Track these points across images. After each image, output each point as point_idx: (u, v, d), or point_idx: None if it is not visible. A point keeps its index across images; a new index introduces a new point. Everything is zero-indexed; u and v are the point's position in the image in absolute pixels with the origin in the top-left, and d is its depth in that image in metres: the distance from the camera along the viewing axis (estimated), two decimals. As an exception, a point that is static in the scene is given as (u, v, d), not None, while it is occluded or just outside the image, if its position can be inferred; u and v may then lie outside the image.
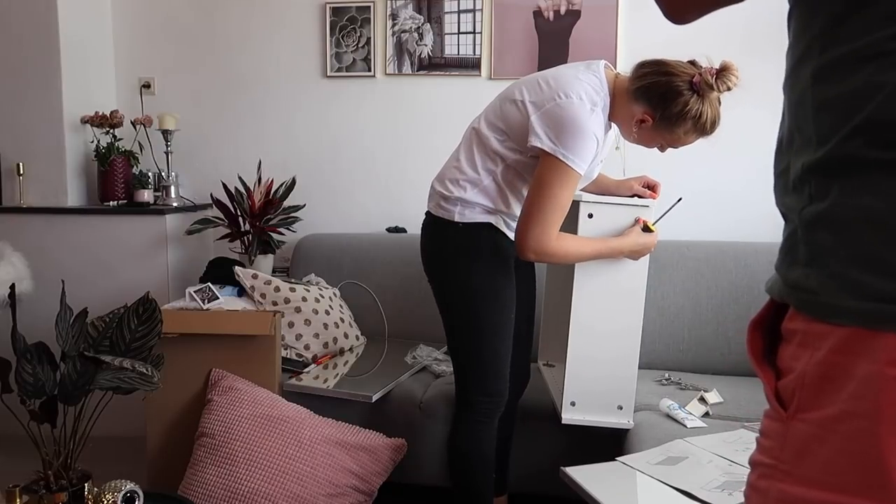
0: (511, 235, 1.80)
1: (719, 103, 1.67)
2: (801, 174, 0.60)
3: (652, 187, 1.95)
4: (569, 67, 1.75)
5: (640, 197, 1.93)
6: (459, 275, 1.79)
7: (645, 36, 2.72)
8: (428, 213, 1.86)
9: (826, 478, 0.56)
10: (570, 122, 1.62)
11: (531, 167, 1.70)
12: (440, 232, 1.81)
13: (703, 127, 1.66)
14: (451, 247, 1.80)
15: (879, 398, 0.52)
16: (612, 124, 1.79)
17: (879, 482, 0.53)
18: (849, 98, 0.56)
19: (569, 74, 1.70)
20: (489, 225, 1.77)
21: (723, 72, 1.60)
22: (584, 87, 1.66)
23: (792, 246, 0.61)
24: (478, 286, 1.77)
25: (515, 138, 1.71)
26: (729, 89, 1.61)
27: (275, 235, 2.80)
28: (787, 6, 0.66)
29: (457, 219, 1.76)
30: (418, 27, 2.92)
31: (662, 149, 1.77)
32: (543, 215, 1.65)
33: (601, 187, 1.98)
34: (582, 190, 1.95)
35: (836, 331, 0.55)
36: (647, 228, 1.82)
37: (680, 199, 1.92)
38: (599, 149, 1.69)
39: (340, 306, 2.63)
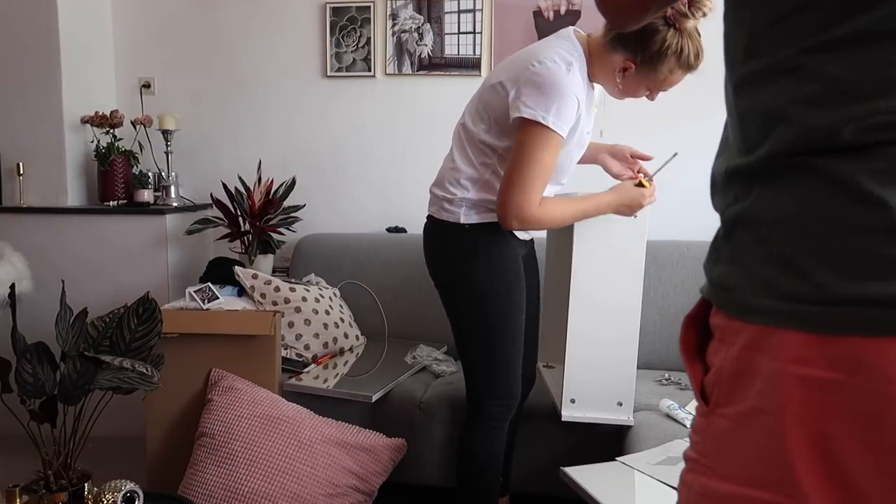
0: (518, 233, 1.77)
1: (699, 35, 1.65)
2: (728, 176, 0.62)
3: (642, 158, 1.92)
4: (542, 41, 1.73)
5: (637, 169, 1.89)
6: (469, 277, 1.75)
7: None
8: (430, 217, 1.82)
9: (740, 472, 0.57)
10: (547, 85, 1.58)
11: None
12: (445, 235, 1.77)
13: (687, 61, 1.63)
14: (458, 249, 1.76)
15: (782, 395, 0.54)
16: (595, 86, 1.76)
17: (786, 478, 0.54)
18: (765, 111, 0.59)
19: (540, 44, 1.69)
20: (496, 224, 1.71)
21: None
22: (556, 50, 1.64)
23: (717, 245, 0.63)
24: (488, 288, 1.74)
25: (501, 122, 1.67)
26: (704, 15, 1.58)
27: (275, 235, 2.80)
28: None
29: (463, 220, 1.72)
30: (418, 27, 2.92)
31: (651, 96, 1.74)
32: (525, 180, 1.59)
33: (594, 151, 1.92)
34: (580, 162, 1.87)
35: (748, 328, 0.57)
36: (640, 184, 1.77)
37: (675, 154, 1.84)
38: (581, 110, 1.65)
39: (340, 306, 2.63)
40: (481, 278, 1.74)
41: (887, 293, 0.50)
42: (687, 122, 2.75)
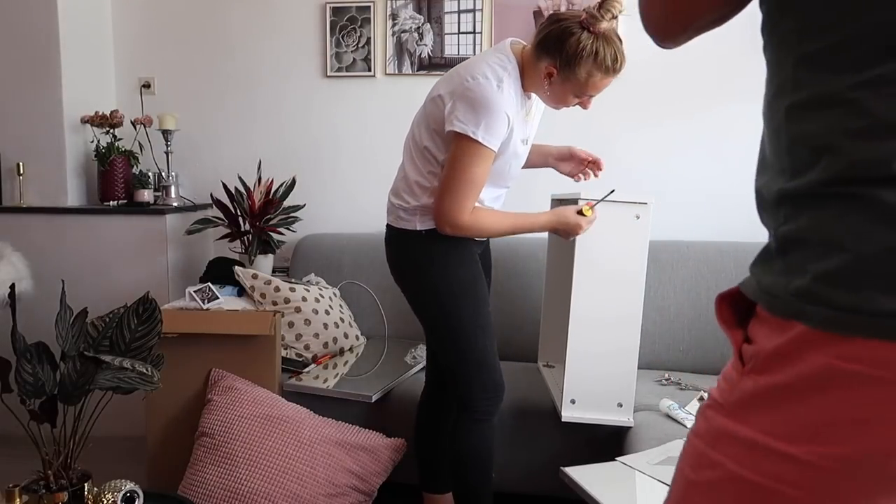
0: None
1: (620, 41, 1.68)
2: (777, 198, 0.68)
3: (595, 163, 1.97)
4: (479, 54, 1.81)
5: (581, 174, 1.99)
6: (433, 281, 1.80)
7: (644, 36, 2.72)
8: (389, 227, 1.88)
9: (762, 424, 0.66)
10: (478, 102, 1.65)
11: None
12: (405, 243, 1.83)
13: (604, 64, 1.66)
14: (419, 255, 1.82)
15: (826, 382, 0.62)
16: (532, 95, 1.81)
17: (813, 433, 0.63)
18: (817, 139, 0.64)
19: (477, 59, 1.76)
20: None
21: (605, 1, 1.63)
22: (490, 65, 1.70)
23: (768, 256, 0.70)
24: (453, 289, 1.79)
25: (442, 133, 1.74)
26: (614, 17, 1.64)
27: (275, 235, 2.80)
28: None
29: (419, 227, 1.79)
30: (418, 27, 2.91)
31: (584, 104, 1.78)
32: (456, 191, 1.69)
33: (544, 155, 2.01)
34: (526, 166, 1.92)
35: (796, 326, 0.64)
36: (581, 213, 1.82)
37: (613, 191, 1.88)
38: (513, 124, 1.71)
39: (340, 306, 2.63)
40: (445, 280, 1.80)
41: None
42: (679, 126, 2.75)
